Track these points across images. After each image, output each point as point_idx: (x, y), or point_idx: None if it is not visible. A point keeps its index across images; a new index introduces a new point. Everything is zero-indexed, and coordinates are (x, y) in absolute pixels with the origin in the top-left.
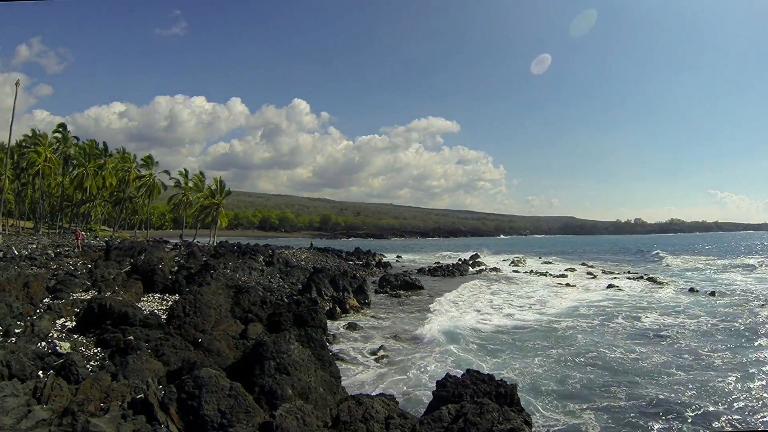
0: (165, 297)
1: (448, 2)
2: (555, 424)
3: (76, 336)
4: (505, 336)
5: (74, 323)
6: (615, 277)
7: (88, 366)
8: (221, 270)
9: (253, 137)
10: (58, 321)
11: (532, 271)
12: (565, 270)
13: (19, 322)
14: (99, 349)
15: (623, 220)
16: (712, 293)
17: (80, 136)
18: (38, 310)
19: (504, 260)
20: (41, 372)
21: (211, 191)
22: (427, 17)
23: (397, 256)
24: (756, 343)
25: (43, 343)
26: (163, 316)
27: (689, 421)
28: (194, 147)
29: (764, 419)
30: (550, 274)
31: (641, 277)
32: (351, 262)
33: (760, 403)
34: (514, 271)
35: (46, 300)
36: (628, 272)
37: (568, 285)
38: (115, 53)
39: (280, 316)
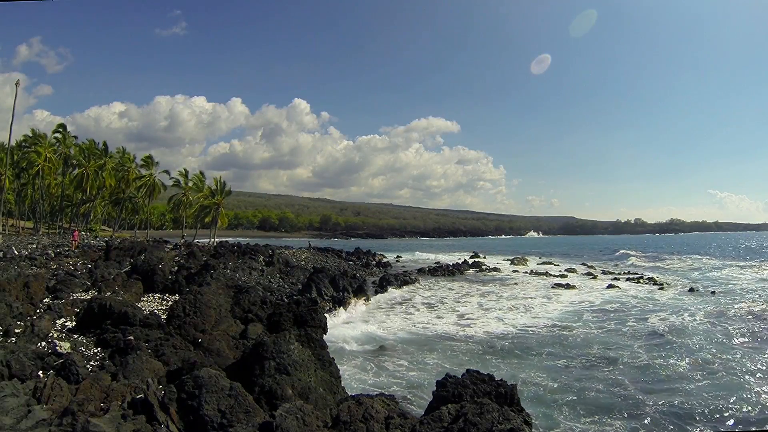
0: (165, 297)
1: (449, 2)
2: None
3: (76, 336)
4: (508, 341)
5: (74, 323)
6: (615, 278)
7: (88, 366)
8: (221, 270)
9: (253, 137)
10: (58, 321)
11: (532, 271)
12: (565, 270)
13: (19, 322)
14: (99, 349)
15: (623, 220)
16: (713, 293)
17: (80, 136)
18: (38, 310)
19: (504, 260)
20: (41, 372)
21: (212, 191)
22: (427, 17)
23: (397, 256)
24: None
25: (43, 343)
26: (163, 316)
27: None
28: (194, 147)
29: None
30: (551, 275)
31: (641, 278)
32: (351, 262)
33: None
34: (513, 271)
35: (46, 300)
36: (629, 273)
37: (568, 286)
38: (115, 53)
39: (280, 316)
